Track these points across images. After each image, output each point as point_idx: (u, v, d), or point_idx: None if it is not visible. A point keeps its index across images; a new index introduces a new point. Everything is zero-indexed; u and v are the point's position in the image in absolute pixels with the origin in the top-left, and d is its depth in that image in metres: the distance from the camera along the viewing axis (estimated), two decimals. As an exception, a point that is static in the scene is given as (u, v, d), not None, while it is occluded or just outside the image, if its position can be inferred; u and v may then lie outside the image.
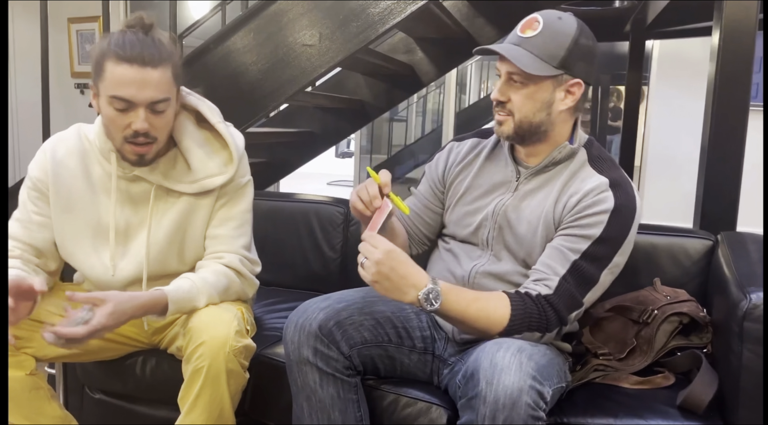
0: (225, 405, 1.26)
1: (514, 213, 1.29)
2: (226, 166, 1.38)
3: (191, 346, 1.23)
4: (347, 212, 1.99)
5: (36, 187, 1.36)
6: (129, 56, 1.19)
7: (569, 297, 1.18)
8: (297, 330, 1.23)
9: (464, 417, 1.09)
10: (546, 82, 1.21)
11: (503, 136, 1.29)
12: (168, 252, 1.38)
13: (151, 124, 1.24)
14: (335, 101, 2.98)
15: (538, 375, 1.05)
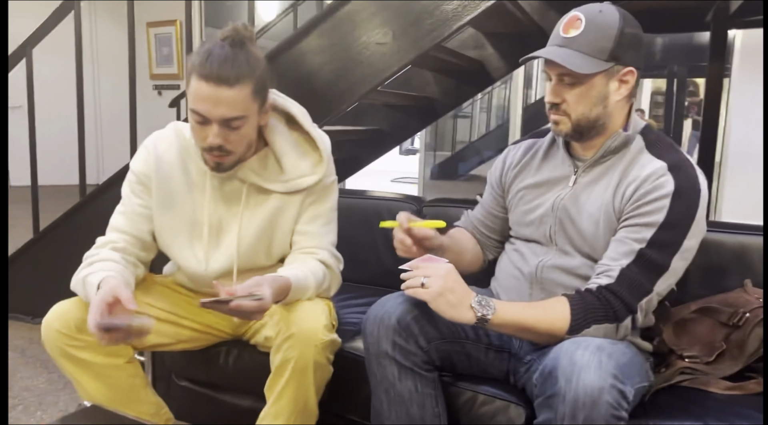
0: (310, 397, 1.30)
1: (574, 207, 1.29)
2: (315, 167, 1.42)
3: (281, 337, 1.28)
4: (419, 209, 2.00)
5: (140, 181, 1.43)
6: (207, 74, 1.22)
7: (633, 284, 1.16)
8: (376, 323, 1.25)
9: (542, 416, 1.09)
10: (597, 77, 1.21)
11: (561, 135, 1.30)
12: (257, 248, 1.43)
13: (225, 138, 1.28)
14: (404, 99, 2.99)
15: (619, 374, 1.03)
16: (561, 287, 1.28)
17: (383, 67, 2.12)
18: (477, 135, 8.84)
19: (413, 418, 1.23)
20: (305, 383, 1.28)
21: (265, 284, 1.20)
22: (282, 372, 1.28)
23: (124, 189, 1.46)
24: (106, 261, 1.34)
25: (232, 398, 1.62)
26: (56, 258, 2.82)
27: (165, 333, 1.45)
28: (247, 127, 1.30)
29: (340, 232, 2.05)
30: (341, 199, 2.11)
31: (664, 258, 1.17)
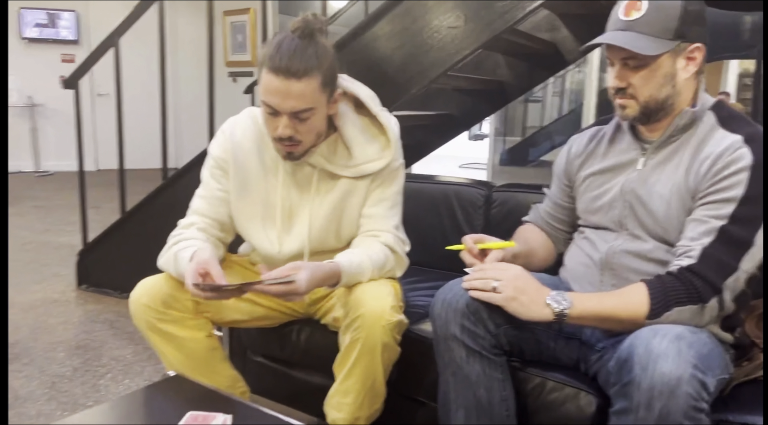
0: (378, 376, 1.33)
1: (643, 189, 1.25)
2: (383, 151, 1.44)
3: (350, 318, 1.31)
4: (488, 194, 1.99)
5: (219, 165, 1.49)
6: (276, 67, 1.24)
7: (716, 263, 1.11)
8: (444, 306, 1.26)
9: (617, 404, 1.07)
10: (664, 56, 1.18)
11: (628, 119, 1.27)
12: (327, 231, 1.47)
13: (295, 129, 1.31)
14: (474, 83, 2.96)
15: (700, 364, 1.00)
16: (633, 272, 1.25)
17: (454, 50, 2.11)
18: (548, 120, 8.62)
19: (480, 401, 1.23)
20: (373, 362, 1.31)
21: (303, 269, 1.23)
22: (351, 352, 1.32)
23: (204, 173, 1.52)
24: (192, 239, 1.41)
25: (304, 374, 1.68)
26: (141, 237, 2.98)
27: (241, 310, 1.52)
28: (315, 118, 1.33)
29: (407, 216, 2.07)
30: (409, 184, 2.13)
31: (747, 233, 1.11)
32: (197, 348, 1.42)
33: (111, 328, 2.62)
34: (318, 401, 1.48)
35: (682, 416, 0.97)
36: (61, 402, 1.99)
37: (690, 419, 0.98)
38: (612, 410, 1.08)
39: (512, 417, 1.26)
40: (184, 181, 2.82)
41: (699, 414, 0.99)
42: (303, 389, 1.68)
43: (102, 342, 2.48)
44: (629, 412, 1.02)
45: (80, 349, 2.41)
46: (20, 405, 1.96)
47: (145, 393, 1.26)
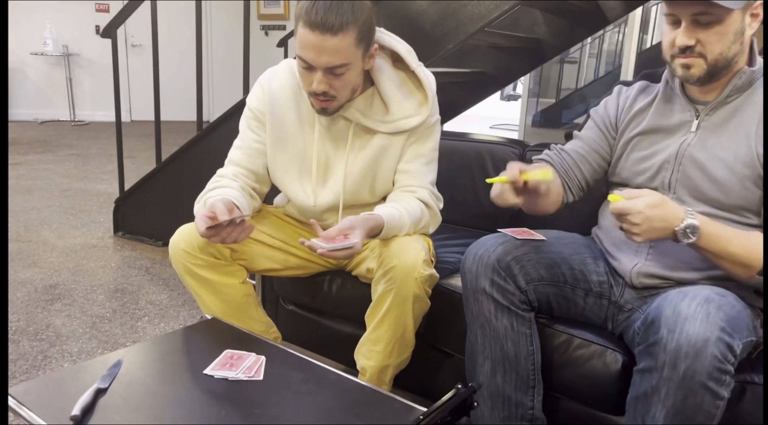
0: (408, 326, 1.37)
1: (703, 152, 1.22)
2: (420, 108, 1.44)
3: (382, 269, 1.34)
4: (522, 153, 1.97)
5: (255, 117, 1.50)
6: (312, 21, 1.24)
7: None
8: (476, 261, 1.28)
9: (642, 363, 1.08)
10: (736, 12, 1.13)
11: (692, 80, 1.21)
12: (361, 185, 1.49)
13: (330, 84, 1.31)
14: (511, 40, 2.90)
15: (728, 327, 1.01)
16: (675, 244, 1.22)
17: (493, 5, 2.07)
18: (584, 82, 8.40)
19: (507, 354, 1.26)
20: (404, 313, 1.34)
21: (357, 228, 1.25)
22: (383, 302, 1.35)
23: (242, 124, 1.54)
24: (225, 187, 1.44)
25: (334, 324, 1.73)
26: (175, 187, 3.05)
27: (275, 259, 1.56)
28: (350, 74, 1.33)
29: (440, 174, 2.08)
30: (442, 142, 2.12)
31: None
32: (232, 293, 1.47)
33: (147, 274, 2.71)
34: (347, 350, 1.52)
35: (707, 377, 0.99)
36: (102, 341, 2.08)
37: (714, 380, 0.99)
38: (636, 368, 1.10)
39: (538, 371, 1.29)
40: (217, 133, 2.86)
41: (723, 376, 1.00)
42: (333, 338, 1.74)
43: (139, 286, 2.58)
44: (654, 371, 1.04)
45: (118, 292, 2.50)
46: (63, 342, 2.06)
47: (184, 333, 1.32)
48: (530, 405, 1.27)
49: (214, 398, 1.07)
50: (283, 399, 1.08)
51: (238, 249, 1.47)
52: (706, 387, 0.99)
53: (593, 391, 1.28)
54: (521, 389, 1.27)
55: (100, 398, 1.04)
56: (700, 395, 0.99)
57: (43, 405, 1.02)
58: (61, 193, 4.05)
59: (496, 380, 1.27)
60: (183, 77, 5.42)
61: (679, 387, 1.00)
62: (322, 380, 1.15)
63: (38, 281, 2.58)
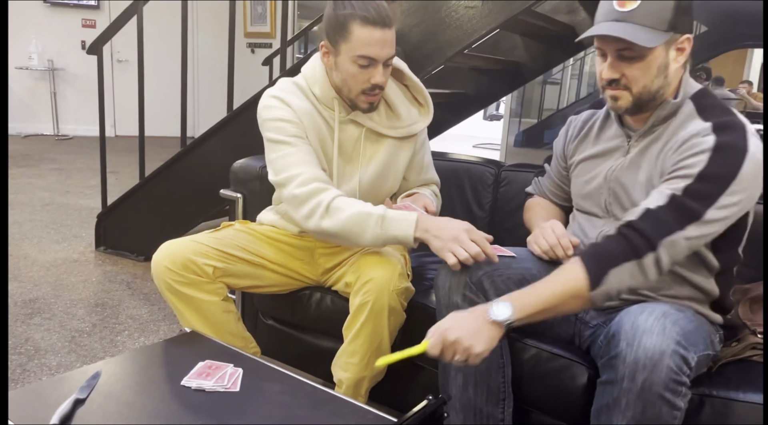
0: (384, 338, 1.41)
1: (627, 177, 1.30)
2: (421, 115, 1.63)
3: (360, 282, 1.39)
4: (498, 173, 2.03)
5: (294, 124, 1.47)
6: (374, 19, 1.35)
7: (655, 220, 1.12)
8: (448, 277, 1.32)
9: (604, 375, 1.13)
10: (659, 48, 1.18)
11: (621, 111, 1.27)
12: (373, 188, 1.59)
13: (386, 76, 1.44)
14: (491, 62, 2.98)
15: (683, 340, 1.05)
16: None
17: (471, 30, 2.14)
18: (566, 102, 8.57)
19: (478, 367, 1.29)
20: (380, 325, 1.38)
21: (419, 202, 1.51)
22: (360, 314, 1.39)
23: (282, 136, 1.46)
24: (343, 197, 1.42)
25: (313, 338, 1.75)
26: (158, 202, 3.07)
27: (257, 277, 1.59)
28: (392, 64, 1.46)
29: (419, 192, 2.12)
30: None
31: (697, 206, 1.11)
32: (213, 310, 1.49)
33: (128, 289, 2.72)
34: (325, 364, 1.55)
35: (663, 388, 1.03)
36: (81, 355, 2.09)
37: (670, 391, 1.04)
38: (599, 381, 1.15)
39: (508, 384, 1.33)
40: (201, 148, 2.89)
41: (679, 387, 1.05)
42: (311, 352, 1.76)
43: (119, 301, 2.58)
44: (615, 383, 1.08)
45: (99, 307, 2.51)
46: (41, 356, 2.07)
47: (163, 346, 1.34)
48: (501, 417, 1.31)
49: (190, 409, 1.09)
50: (259, 410, 1.10)
51: (220, 268, 1.50)
52: (664, 398, 1.04)
53: (561, 404, 1.32)
54: (492, 401, 1.31)
55: (78, 408, 1.06)
56: (657, 406, 1.04)
57: (22, 414, 1.04)
58: (43, 207, 4.04)
59: (468, 393, 1.31)
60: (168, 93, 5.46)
61: (638, 398, 1.04)
62: (298, 392, 1.18)
63: (18, 295, 2.57)
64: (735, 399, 1.18)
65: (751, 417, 1.17)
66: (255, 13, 7.24)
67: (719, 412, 1.18)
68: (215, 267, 1.48)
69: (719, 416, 1.18)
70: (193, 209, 2.91)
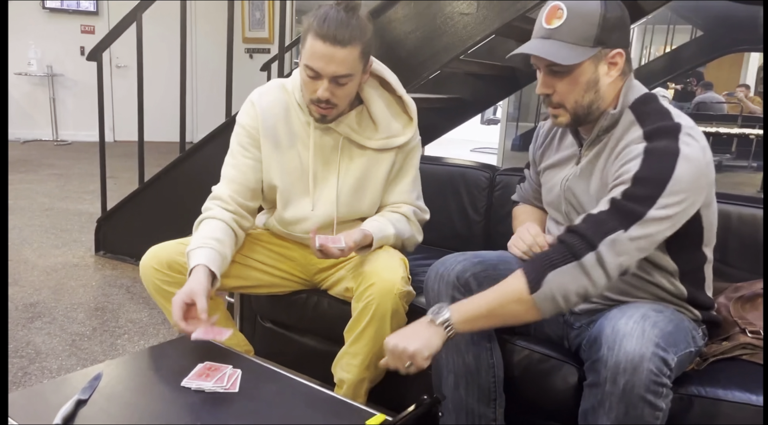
0: None
1: (578, 186, 1.33)
2: (405, 128, 1.58)
3: (362, 287, 1.42)
4: (492, 177, 2.06)
5: (248, 134, 1.57)
6: (324, 34, 1.36)
7: (595, 222, 1.13)
8: (437, 279, 1.36)
9: (589, 378, 1.16)
10: (586, 63, 1.19)
11: (562, 127, 1.32)
12: (353, 199, 1.59)
13: (332, 93, 1.42)
14: (486, 68, 3.01)
15: (662, 342, 1.08)
16: None
17: (466, 36, 2.17)
18: (563, 106, 8.58)
19: (469, 367, 1.33)
20: (383, 327, 1.41)
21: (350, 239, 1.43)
22: (363, 317, 1.42)
23: (233, 142, 1.60)
24: (215, 220, 1.52)
25: (310, 340, 1.78)
26: (157, 207, 3.09)
27: (247, 278, 1.62)
28: (352, 85, 1.45)
29: (415, 196, 2.15)
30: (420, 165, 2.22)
31: (638, 207, 1.12)
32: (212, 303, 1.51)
33: (127, 293, 2.74)
34: (322, 366, 1.58)
35: (645, 390, 1.06)
36: (81, 358, 2.11)
37: (651, 393, 1.06)
38: (585, 383, 1.17)
39: (499, 384, 1.35)
40: (200, 154, 2.92)
41: (660, 389, 1.07)
42: (309, 354, 1.79)
43: (119, 305, 2.61)
44: (598, 386, 1.11)
45: (98, 311, 2.53)
46: (42, 359, 2.09)
47: (163, 348, 1.37)
48: (492, 416, 1.34)
49: (190, 409, 1.11)
50: (258, 410, 1.13)
51: None
52: (645, 399, 1.06)
53: (553, 404, 1.35)
54: (483, 401, 1.33)
55: (80, 409, 1.09)
56: (639, 407, 1.06)
57: (26, 414, 1.06)
58: (43, 212, 4.06)
59: (459, 392, 1.33)
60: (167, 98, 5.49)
61: (620, 400, 1.07)
62: (296, 392, 1.21)
63: (18, 299, 2.59)
64: (723, 398, 1.21)
65: (739, 416, 1.20)
66: (253, 19, 7.28)
67: (707, 412, 1.21)
68: None
69: (707, 415, 1.21)
70: (192, 214, 2.90)
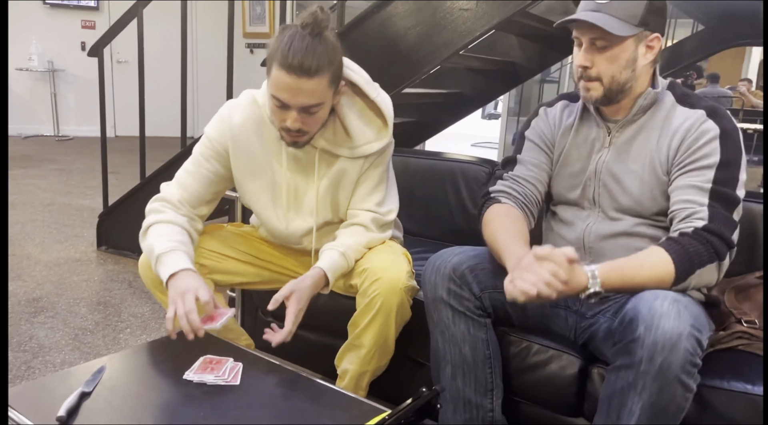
0: (390, 334, 1.45)
1: (617, 166, 1.35)
2: (379, 133, 1.50)
3: (367, 282, 1.42)
4: (492, 171, 2.07)
5: (213, 147, 1.51)
6: (289, 64, 1.27)
7: (725, 220, 1.22)
8: (434, 271, 1.37)
9: (618, 360, 1.14)
10: (628, 41, 1.28)
11: (591, 101, 1.35)
12: (329, 208, 1.56)
13: (303, 121, 1.35)
14: (487, 63, 3.02)
15: (696, 323, 1.10)
16: (613, 252, 1.32)
17: (466, 32, 2.18)
18: (564, 101, 8.57)
19: (465, 358, 1.34)
20: (388, 321, 1.42)
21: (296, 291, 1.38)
22: (368, 311, 1.42)
23: (197, 150, 1.54)
24: (171, 224, 1.45)
25: (311, 334, 1.79)
26: (158, 202, 3.10)
27: (244, 274, 1.63)
28: (323, 111, 1.38)
29: (415, 191, 2.17)
30: (418, 160, 2.23)
31: (732, 192, 1.24)
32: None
33: (130, 287, 2.76)
34: (322, 360, 1.59)
35: (680, 369, 1.07)
36: (84, 352, 2.13)
37: (686, 373, 1.08)
38: (612, 367, 1.16)
39: (496, 374, 1.36)
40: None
41: (693, 369, 1.09)
42: (309, 348, 1.80)
43: (121, 299, 2.62)
44: (631, 367, 1.10)
45: (101, 305, 2.55)
46: (46, 353, 2.11)
47: (165, 341, 1.38)
48: (490, 407, 1.35)
49: (193, 401, 1.13)
50: (259, 402, 1.15)
51: (206, 264, 1.54)
52: (679, 379, 1.07)
53: (551, 394, 1.37)
54: (480, 392, 1.35)
55: (84, 401, 1.10)
56: (673, 387, 1.08)
57: (30, 407, 1.08)
58: (45, 207, 4.08)
59: (457, 383, 1.35)
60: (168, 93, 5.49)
61: (655, 380, 1.08)
62: (297, 385, 1.23)
63: (21, 294, 2.61)
64: (720, 387, 1.22)
65: (733, 405, 1.21)
66: (254, 14, 7.28)
67: (704, 400, 1.22)
68: (201, 265, 1.52)
69: (704, 404, 1.22)
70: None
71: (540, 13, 2.75)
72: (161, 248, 1.38)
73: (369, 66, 1.54)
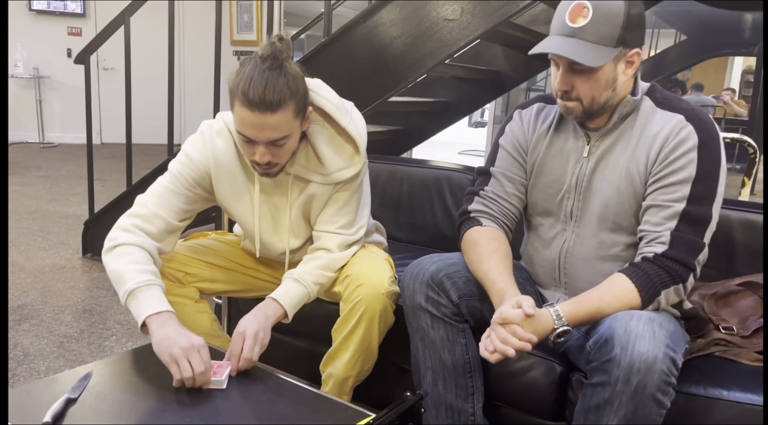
0: (373, 340, 1.47)
1: (596, 177, 1.32)
2: (351, 160, 1.46)
3: (350, 288, 1.44)
4: (476, 179, 2.09)
5: (197, 168, 1.45)
6: (250, 101, 1.24)
7: (687, 244, 1.20)
8: (412, 278, 1.38)
9: (595, 378, 1.15)
10: (607, 63, 1.21)
11: (572, 117, 1.31)
12: (303, 228, 1.56)
13: (272, 154, 1.33)
14: (472, 72, 3.06)
15: (671, 343, 1.10)
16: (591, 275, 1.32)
17: (451, 41, 2.21)
18: (549, 109, 8.65)
19: (445, 363, 1.35)
20: (371, 327, 1.44)
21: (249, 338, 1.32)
22: (352, 317, 1.44)
23: (175, 167, 1.47)
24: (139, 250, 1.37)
25: (296, 340, 1.81)
26: (145, 210, 3.09)
27: (233, 282, 1.65)
28: (292, 142, 1.35)
29: (402, 198, 2.19)
30: (404, 168, 2.25)
31: (705, 210, 1.21)
32: (186, 312, 1.52)
33: (115, 295, 2.74)
34: (307, 366, 1.60)
35: (656, 389, 1.08)
36: (69, 360, 2.12)
37: (661, 392, 1.09)
38: (588, 383, 1.17)
39: (476, 379, 1.38)
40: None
41: (668, 387, 1.09)
42: (295, 354, 1.81)
43: (107, 307, 2.61)
44: (607, 385, 1.11)
45: (86, 313, 2.54)
46: (30, 361, 2.10)
47: (150, 348, 1.38)
48: (471, 411, 1.37)
49: (179, 406, 1.14)
50: (245, 408, 1.16)
51: (191, 273, 1.55)
52: (655, 398, 1.08)
53: (533, 399, 1.39)
54: (461, 396, 1.36)
55: (70, 407, 1.11)
56: (648, 406, 1.08)
57: (16, 413, 1.08)
58: (30, 214, 4.05)
59: (438, 388, 1.37)
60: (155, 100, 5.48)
61: (631, 399, 1.08)
62: (282, 390, 1.24)
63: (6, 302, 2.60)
64: (697, 394, 1.25)
65: (710, 411, 1.24)
66: (241, 21, 7.29)
67: (682, 407, 1.24)
68: (186, 273, 1.53)
69: (682, 411, 1.24)
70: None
71: (524, 23, 2.79)
72: (135, 281, 1.30)
73: (355, 75, 1.56)
